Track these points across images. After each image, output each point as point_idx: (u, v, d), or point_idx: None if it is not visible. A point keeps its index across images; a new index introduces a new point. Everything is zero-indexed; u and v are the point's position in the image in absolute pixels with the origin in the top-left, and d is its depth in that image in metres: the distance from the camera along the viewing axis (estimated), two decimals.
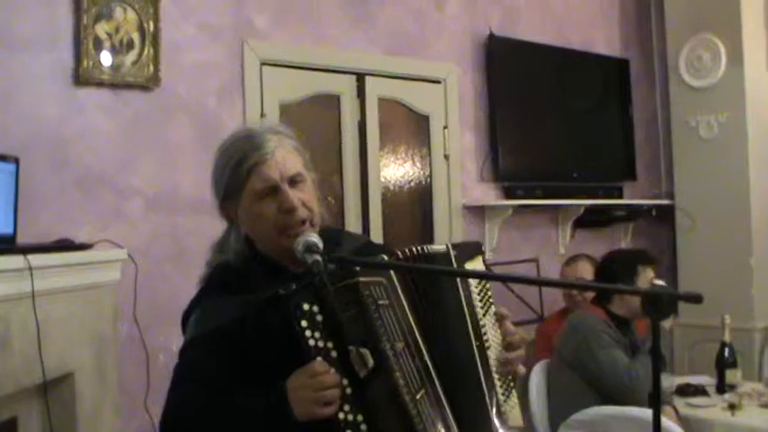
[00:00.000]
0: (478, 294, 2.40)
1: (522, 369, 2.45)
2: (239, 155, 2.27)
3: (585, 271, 5.58)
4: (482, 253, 2.54)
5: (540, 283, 5.96)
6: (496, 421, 2.33)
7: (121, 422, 4.19)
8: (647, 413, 3.90)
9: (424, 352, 2.17)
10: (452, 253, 2.37)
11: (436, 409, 2.14)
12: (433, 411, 2.13)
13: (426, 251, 2.30)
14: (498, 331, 2.44)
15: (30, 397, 3.70)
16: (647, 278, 4.60)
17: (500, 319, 2.45)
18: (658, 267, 4.70)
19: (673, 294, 1.87)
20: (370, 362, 2.03)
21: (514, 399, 2.45)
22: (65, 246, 3.85)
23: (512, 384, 2.44)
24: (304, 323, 2.01)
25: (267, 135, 2.30)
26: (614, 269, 4.79)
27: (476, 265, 2.48)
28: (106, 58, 4.40)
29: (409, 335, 2.14)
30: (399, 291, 2.16)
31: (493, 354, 2.38)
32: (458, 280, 2.36)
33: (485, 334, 2.37)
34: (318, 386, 2.00)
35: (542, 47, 6.53)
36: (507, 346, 2.43)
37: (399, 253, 2.25)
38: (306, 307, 2.01)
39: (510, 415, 2.40)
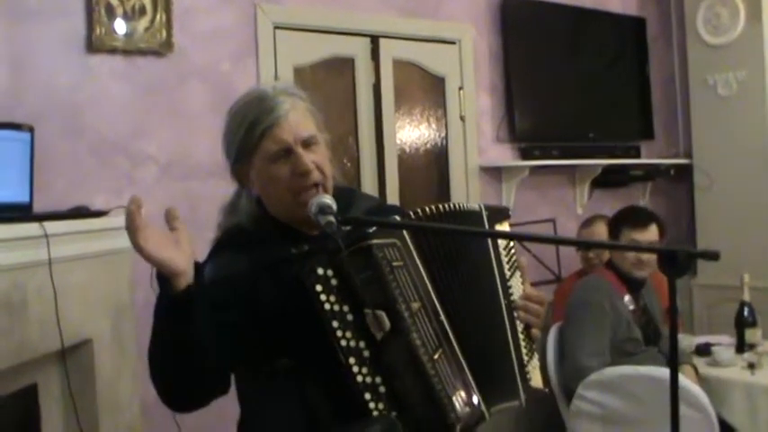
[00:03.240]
0: (506, 255, 2.42)
1: (537, 332, 2.46)
2: (252, 117, 2.25)
3: (603, 233, 5.56)
4: (509, 218, 2.55)
5: (558, 241, 5.94)
6: (520, 381, 2.35)
7: (140, 388, 4.20)
8: (666, 372, 3.90)
9: (440, 312, 2.17)
10: (485, 213, 2.39)
11: (455, 369, 2.14)
12: (451, 371, 2.12)
13: (459, 207, 2.32)
14: (522, 288, 2.45)
15: (49, 364, 3.72)
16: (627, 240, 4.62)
17: (522, 273, 2.47)
18: (647, 229, 4.65)
19: (690, 252, 1.85)
20: (387, 324, 2.02)
21: (536, 361, 2.46)
22: (80, 213, 3.86)
23: (534, 346, 2.45)
24: (319, 287, 2.00)
25: (280, 97, 2.28)
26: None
27: (504, 228, 2.50)
28: (119, 25, 4.38)
29: (425, 295, 2.14)
30: (413, 251, 2.15)
31: (518, 313, 2.41)
32: (488, 240, 2.37)
33: (512, 294, 2.39)
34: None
35: (558, 6, 6.47)
36: (527, 297, 2.43)
37: (423, 210, 2.23)
38: (320, 272, 2.00)
39: (531, 375, 2.42)
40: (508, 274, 2.41)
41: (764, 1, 6.41)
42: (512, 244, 2.47)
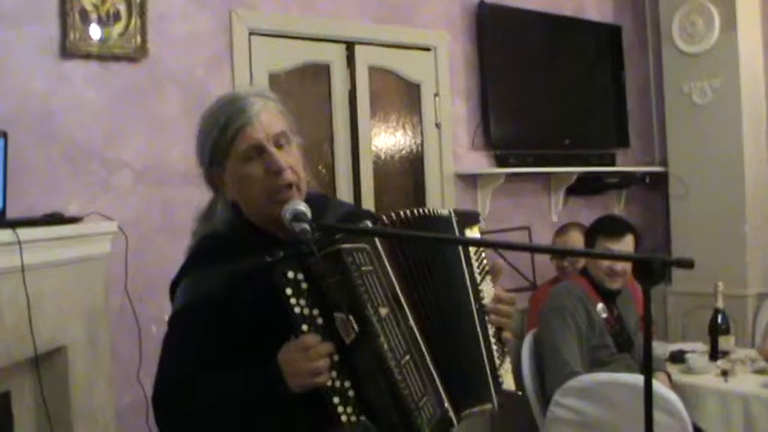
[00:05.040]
0: (476, 260, 2.42)
1: (509, 334, 2.46)
2: (224, 119, 2.27)
3: (578, 240, 5.57)
4: (480, 222, 2.55)
5: (531, 249, 5.94)
6: (492, 385, 2.35)
7: (115, 394, 4.19)
8: (640, 379, 3.91)
9: (410, 317, 2.18)
10: (454, 218, 2.39)
11: (423, 374, 2.15)
12: (419, 376, 2.13)
13: (428, 213, 2.33)
14: (493, 291, 2.45)
15: (22, 371, 3.70)
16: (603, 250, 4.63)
17: (495, 275, 2.47)
18: (622, 239, 4.65)
19: (664, 260, 1.85)
20: (355, 328, 2.03)
21: (508, 364, 2.47)
22: (54, 219, 3.84)
23: (506, 349, 2.46)
24: (289, 291, 2.01)
25: (251, 98, 2.30)
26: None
27: (474, 233, 2.49)
28: (93, 31, 4.35)
29: (394, 301, 2.15)
30: (384, 256, 2.17)
31: (489, 317, 2.41)
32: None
33: (483, 298, 2.39)
34: (311, 358, 2.01)
35: (533, 13, 6.48)
36: (497, 299, 2.44)
37: (390, 216, 2.25)
38: (290, 275, 2.01)
39: (504, 379, 2.42)
40: (479, 278, 2.42)
41: (739, 9, 6.45)
42: (482, 249, 2.47)
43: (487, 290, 2.43)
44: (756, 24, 6.63)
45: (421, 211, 2.31)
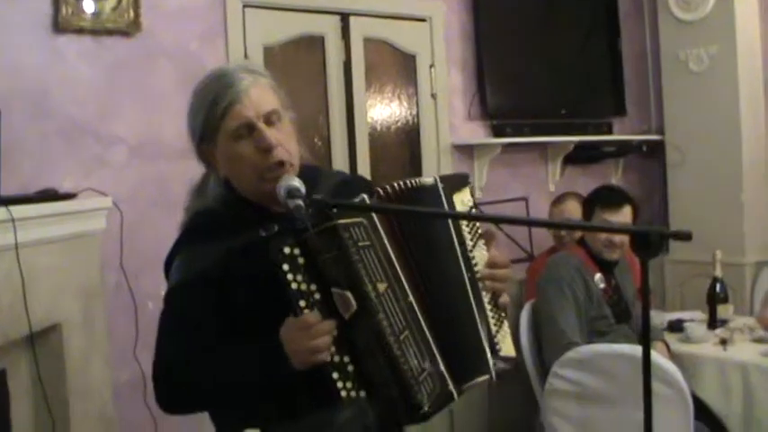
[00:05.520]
0: (467, 225, 2.38)
1: (506, 298, 2.43)
2: (212, 95, 2.25)
3: (574, 210, 5.56)
4: (469, 184, 2.49)
5: (527, 222, 5.94)
6: (489, 354, 2.32)
7: (111, 371, 4.18)
8: (639, 350, 3.90)
9: (408, 291, 2.16)
10: (440, 185, 2.34)
11: (422, 349, 2.14)
12: (418, 350, 2.12)
13: (413, 184, 2.29)
14: (486, 256, 2.41)
15: (17, 349, 3.69)
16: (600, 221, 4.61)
17: (488, 239, 2.43)
18: (620, 210, 4.63)
19: (662, 232, 1.83)
20: (353, 304, 2.03)
21: (506, 328, 2.43)
22: (48, 196, 3.82)
23: (503, 314, 2.43)
24: (285, 267, 2.00)
25: (240, 74, 2.28)
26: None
27: (464, 196, 2.43)
28: (86, 5, 4.32)
29: (392, 275, 2.14)
30: (381, 230, 2.15)
31: (483, 284, 2.38)
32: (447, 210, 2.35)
33: (476, 265, 2.36)
34: (313, 336, 2.01)
35: None
36: (491, 264, 2.40)
37: (385, 189, 2.24)
38: (287, 251, 2.00)
39: (503, 344, 2.39)
40: (470, 244, 2.37)
41: None
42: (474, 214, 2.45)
43: (480, 255, 2.39)
44: None
45: (408, 183, 2.28)
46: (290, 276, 2.01)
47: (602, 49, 6.97)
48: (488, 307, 2.37)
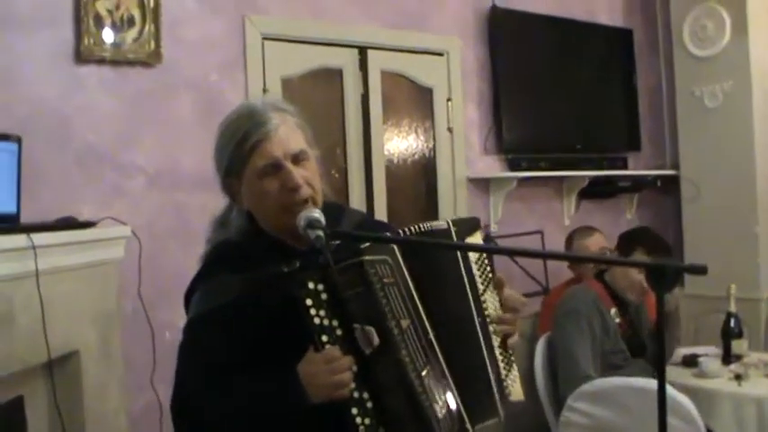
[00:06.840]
0: (478, 270, 2.39)
1: (515, 338, 2.45)
2: (242, 132, 2.26)
3: (603, 242, 5.59)
4: (481, 228, 2.52)
5: (543, 255, 5.94)
6: (498, 398, 2.33)
7: (128, 400, 4.19)
8: (654, 383, 3.90)
9: (429, 329, 2.18)
10: (453, 229, 2.37)
11: (442, 387, 2.15)
12: (438, 388, 2.13)
13: (427, 228, 2.31)
14: (497, 301, 2.43)
15: (35, 376, 3.70)
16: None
17: (499, 286, 2.44)
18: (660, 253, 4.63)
19: (677, 266, 1.85)
20: (376, 340, 2.04)
21: (515, 372, 2.44)
22: (68, 224, 3.84)
23: (512, 358, 2.44)
24: (309, 301, 2.01)
25: (270, 113, 2.29)
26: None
27: (476, 240, 2.47)
28: (107, 35, 4.37)
29: (414, 312, 2.15)
30: (404, 268, 2.17)
31: (494, 327, 2.39)
32: (458, 256, 2.36)
33: (486, 309, 2.37)
34: (335, 371, 2.02)
35: (545, 18, 6.48)
36: (504, 308, 2.42)
37: (403, 231, 2.25)
38: (311, 285, 2.02)
39: (512, 389, 2.40)
40: (481, 288, 2.39)
41: (750, 13, 6.44)
42: (484, 257, 2.44)
43: (491, 299, 2.41)
44: (767, 27, 6.60)
45: (422, 226, 2.29)
46: (312, 311, 2.02)
47: (617, 84, 7.01)
48: (498, 351, 2.39)
